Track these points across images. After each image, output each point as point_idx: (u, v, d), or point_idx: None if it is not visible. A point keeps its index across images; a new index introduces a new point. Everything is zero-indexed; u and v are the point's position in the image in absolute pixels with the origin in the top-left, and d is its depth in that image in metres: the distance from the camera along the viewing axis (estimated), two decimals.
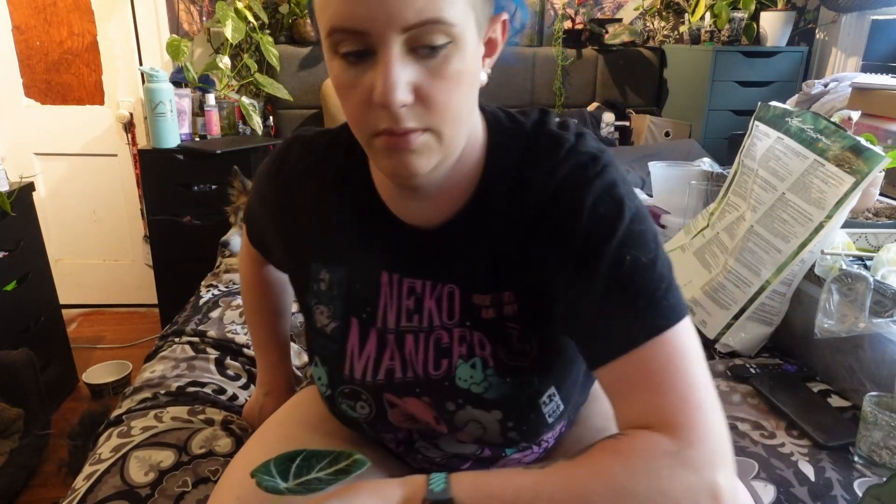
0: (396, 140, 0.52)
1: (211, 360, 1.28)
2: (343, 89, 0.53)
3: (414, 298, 0.66)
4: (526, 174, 0.60)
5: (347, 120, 0.56)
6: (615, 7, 2.90)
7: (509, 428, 0.66)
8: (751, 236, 1.35)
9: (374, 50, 0.50)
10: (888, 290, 1.10)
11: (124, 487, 0.86)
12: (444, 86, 0.51)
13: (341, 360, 0.69)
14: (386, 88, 0.49)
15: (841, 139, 1.26)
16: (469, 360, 0.65)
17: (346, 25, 0.49)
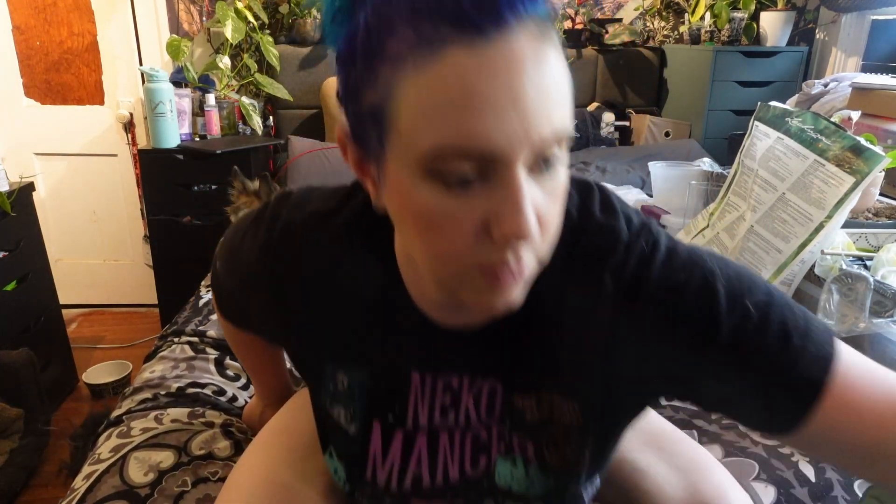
0: (505, 274, 0.44)
1: (210, 361, 1.28)
2: (438, 220, 0.42)
3: (450, 394, 0.59)
4: (579, 273, 0.53)
5: (431, 255, 0.45)
6: (615, 7, 2.90)
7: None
8: (751, 236, 1.35)
9: (493, 173, 0.41)
10: (888, 291, 1.10)
11: (124, 487, 0.86)
12: (556, 203, 0.45)
13: (362, 464, 0.62)
14: (520, 220, 0.40)
15: (841, 139, 1.26)
16: (508, 456, 0.59)
17: (472, 147, 0.39)
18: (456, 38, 0.38)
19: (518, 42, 0.39)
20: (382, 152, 0.44)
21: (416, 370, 0.59)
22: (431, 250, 0.45)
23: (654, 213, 1.84)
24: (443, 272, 0.46)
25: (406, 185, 0.43)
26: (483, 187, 0.41)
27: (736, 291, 0.49)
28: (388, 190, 0.46)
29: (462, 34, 0.38)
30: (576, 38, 2.82)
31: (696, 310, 0.49)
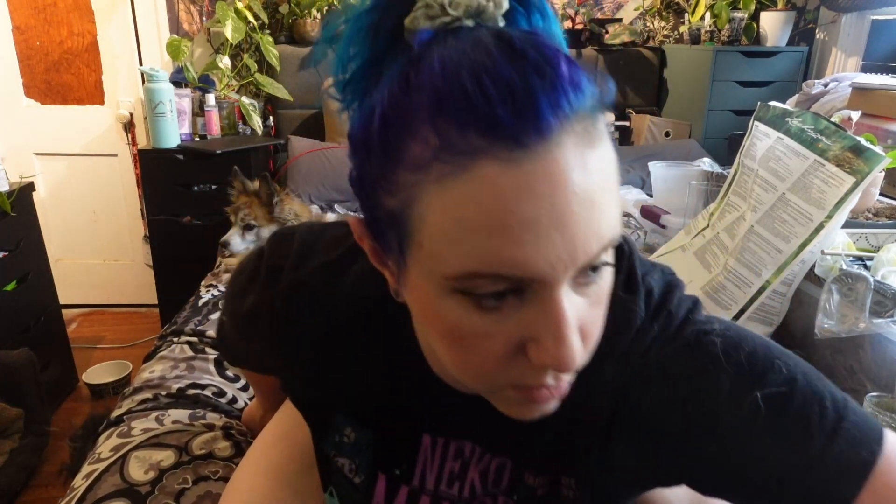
0: (541, 394, 0.40)
1: (210, 361, 1.27)
2: (467, 337, 0.38)
3: (460, 462, 0.55)
4: (601, 360, 0.46)
5: (459, 365, 0.41)
6: (615, 7, 2.90)
7: None
8: (751, 236, 1.35)
9: (531, 290, 0.36)
10: (888, 291, 1.10)
11: (124, 486, 0.86)
12: (599, 312, 0.40)
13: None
14: (563, 351, 0.36)
15: (841, 139, 1.26)
16: None
17: (510, 273, 0.34)
18: (489, 150, 0.33)
19: (562, 149, 0.34)
20: (402, 259, 0.39)
21: (428, 433, 0.56)
22: (458, 363, 0.40)
23: (654, 213, 1.84)
24: (471, 383, 0.42)
25: (430, 296, 0.38)
26: (519, 302, 0.36)
27: (746, 381, 0.44)
28: (409, 291, 0.41)
29: (496, 145, 0.33)
30: (576, 38, 2.82)
31: (694, 401, 0.45)
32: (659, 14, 2.91)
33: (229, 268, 1.84)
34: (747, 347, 0.46)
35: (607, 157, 0.36)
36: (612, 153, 0.37)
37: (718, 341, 0.47)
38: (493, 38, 0.35)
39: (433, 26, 0.37)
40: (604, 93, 0.37)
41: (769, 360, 0.45)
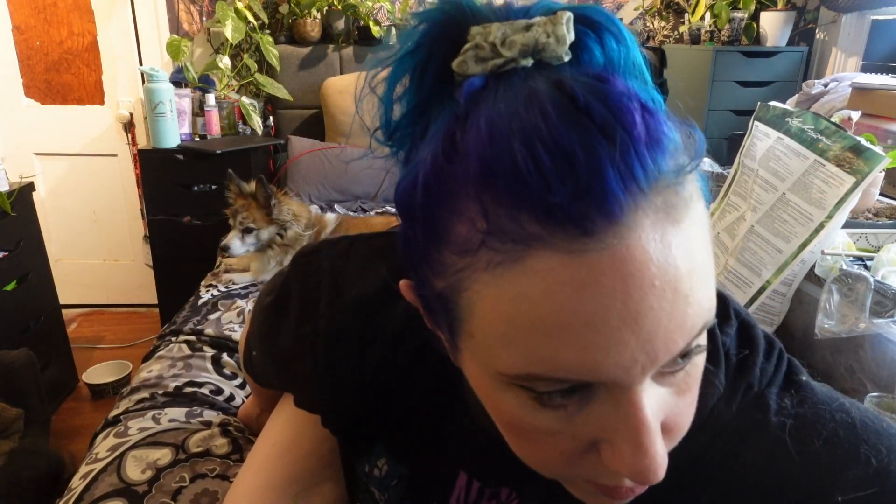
0: (624, 492, 0.34)
1: (207, 359, 1.28)
2: (529, 432, 0.34)
3: (496, 502, 0.51)
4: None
5: (525, 456, 0.36)
6: (615, 7, 2.90)
7: None
8: (751, 236, 1.35)
9: (604, 391, 0.31)
10: (888, 291, 1.09)
11: (121, 485, 0.86)
12: (688, 401, 0.34)
13: None
14: (644, 463, 0.30)
15: (841, 139, 1.26)
16: None
17: (573, 378, 0.30)
18: (546, 238, 0.28)
19: (637, 232, 0.28)
20: (454, 342, 0.35)
21: (464, 471, 0.52)
22: (522, 453, 0.36)
23: None
24: (538, 471, 0.37)
25: (487, 384, 0.34)
26: (589, 398, 0.31)
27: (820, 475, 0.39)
28: (465, 368, 0.36)
29: (554, 233, 0.28)
30: None
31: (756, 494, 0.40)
32: (659, 14, 2.91)
33: (229, 268, 1.84)
34: (826, 430, 0.39)
35: (697, 229, 0.30)
36: (703, 219, 0.30)
37: (789, 423, 0.39)
38: (552, 89, 0.29)
39: (485, 70, 0.31)
40: (692, 146, 0.30)
41: (854, 445, 0.38)
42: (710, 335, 0.43)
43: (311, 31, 2.61)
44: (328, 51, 2.66)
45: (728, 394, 0.42)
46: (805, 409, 0.40)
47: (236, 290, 1.69)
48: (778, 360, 0.43)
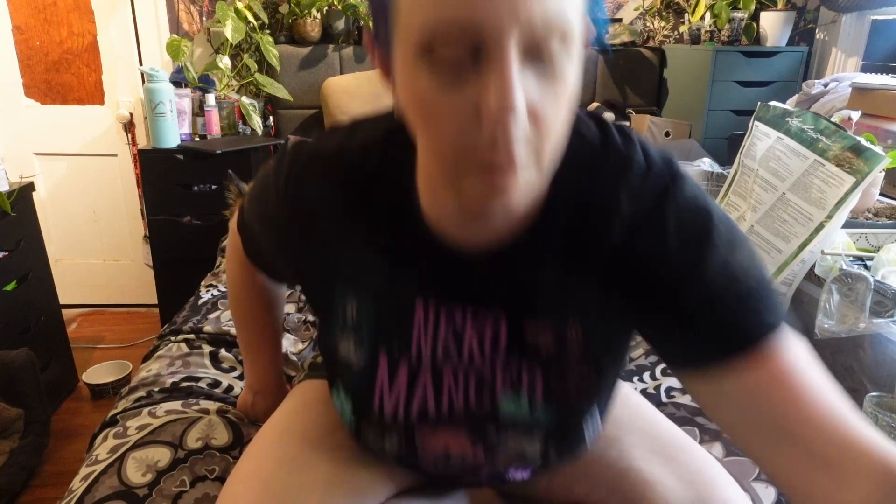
0: (499, 163, 0.43)
1: (205, 355, 1.28)
2: (432, 108, 0.43)
3: (452, 330, 0.59)
4: (596, 200, 0.54)
5: (430, 145, 0.46)
6: (615, 7, 2.90)
7: (550, 451, 0.65)
8: (751, 236, 1.35)
9: (484, 55, 0.41)
10: (888, 290, 1.10)
11: (122, 488, 0.86)
12: (556, 103, 0.43)
13: (369, 397, 0.63)
14: (505, 91, 0.40)
15: (841, 139, 1.26)
16: (515, 393, 0.61)
17: (457, 17, 0.39)
18: None
19: None
20: (389, 43, 0.46)
21: (420, 298, 0.59)
22: (432, 142, 0.45)
23: None
24: (445, 167, 0.46)
25: (408, 73, 0.44)
26: (476, 75, 0.41)
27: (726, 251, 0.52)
28: (398, 87, 0.47)
29: None
30: None
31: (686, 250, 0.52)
32: (659, 14, 2.91)
33: None
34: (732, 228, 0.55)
35: None
36: None
37: (714, 210, 0.54)
38: None
39: None
40: None
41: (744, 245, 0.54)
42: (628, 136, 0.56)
43: (311, 31, 2.61)
44: (328, 51, 2.66)
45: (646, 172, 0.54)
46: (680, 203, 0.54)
47: None
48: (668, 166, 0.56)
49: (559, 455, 0.65)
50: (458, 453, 0.65)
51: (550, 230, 0.55)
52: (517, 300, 0.58)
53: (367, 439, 0.67)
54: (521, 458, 0.65)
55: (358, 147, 0.59)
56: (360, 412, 0.65)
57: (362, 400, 0.64)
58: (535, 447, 0.64)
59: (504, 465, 0.66)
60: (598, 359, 0.61)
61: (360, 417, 0.66)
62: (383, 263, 0.59)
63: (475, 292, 0.58)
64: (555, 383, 0.60)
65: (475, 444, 0.64)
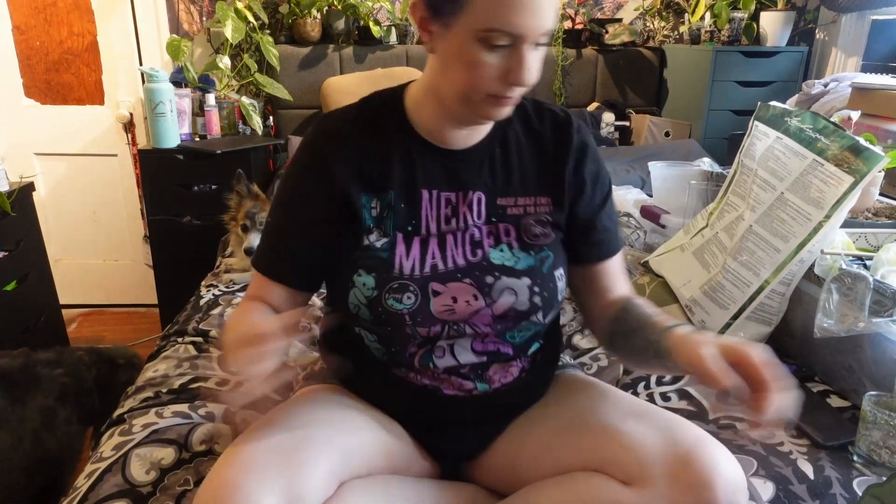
0: (507, 100, 0.76)
1: (214, 359, 1.28)
2: (477, 65, 0.73)
3: (450, 207, 0.85)
4: (530, 120, 0.89)
5: (462, 83, 0.75)
6: (615, 7, 2.90)
7: (535, 293, 0.83)
8: (750, 236, 1.35)
9: (516, 45, 0.71)
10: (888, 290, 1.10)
11: (126, 486, 0.87)
12: (538, 67, 0.75)
13: (390, 264, 0.82)
14: (528, 75, 0.73)
15: (840, 139, 1.26)
16: (497, 245, 0.85)
17: (509, 30, 0.70)
18: None
19: None
20: (453, 20, 0.72)
21: (425, 187, 0.85)
22: (466, 83, 0.75)
23: (653, 212, 1.84)
24: (467, 94, 0.76)
25: (465, 43, 0.72)
26: (510, 52, 0.72)
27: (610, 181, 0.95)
28: (446, 43, 0.75)
29: None
30: (576, 38, 2.83)
31: (602, 173, 0.93)
32: (659, 14, 2.91)
33: (229, 268, 1.84)
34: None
35: None
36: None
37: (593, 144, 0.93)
38: None
39: None
40: None
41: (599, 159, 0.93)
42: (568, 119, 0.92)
43: (311, 31, 2.62)
44: (328, 51, 2.67)
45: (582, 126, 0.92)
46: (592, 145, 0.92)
47: (237, 289, 1.69)
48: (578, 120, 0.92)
49: (542, 299, 0.84)
50: (463, 299, 0.82)
51: (500, 139, 0.87)
52: (489, 183, 0.86)
53: (387, 306, 0.81)
54: (514, 300, 0.83)
55: (362, 104, 0.87)
56: (381, 281, 0.81)
57: (384, 269, 0.81)
58: (524, 291, 0.83)
59: (500, 312, 0.83)
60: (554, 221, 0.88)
61: (381, 286, 0.81)
62: (395, 166, 0.84)
63: (461, 180, 0.85)
64: (525, 236, 0.86)
65: (476, 290, 0.83)
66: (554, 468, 0.82)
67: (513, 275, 0.83)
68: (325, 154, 0.83)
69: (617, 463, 0.76)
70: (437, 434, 0.89)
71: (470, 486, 0.91)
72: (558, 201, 0.88)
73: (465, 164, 0.85)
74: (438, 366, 0.84)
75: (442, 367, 0.84)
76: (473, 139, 0.86)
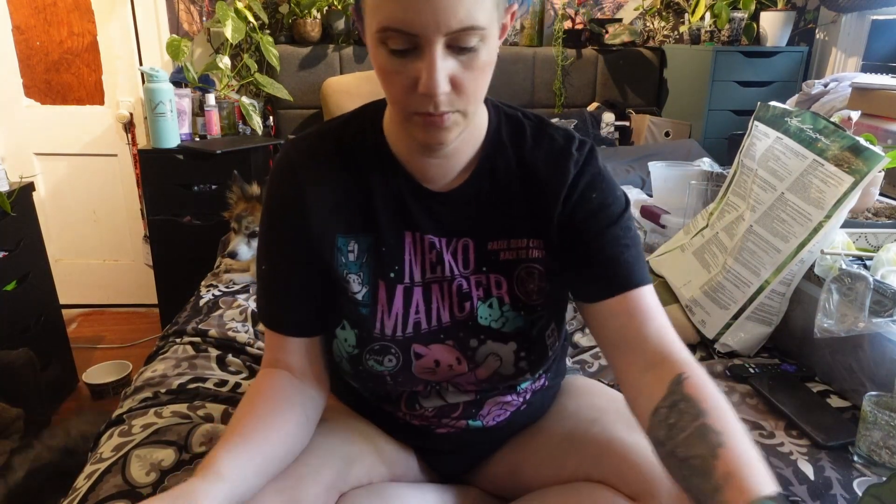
0: (433, 119, 0.63)
1: (212, 359, 1.28)
2: (387, 75, 0.63)
3: (435, 252, 0.75)
4: (547, 157, 0.75)
5: (389, 99, 0.67)
6: (615, 7, 2.90)
7: (521, 358, 0.77)
8: (750, 236, 1.35)
9: (420, 47, 0.60)
10: (888, 290, 1.10)
11: (126, 487, 0.87)
12: (474, 75, 0.63)
13: (371, 321, 0.75)
14: (431, 82, 0.60)
15: (840, 139, 1.26)
16: (487, 300, 0.76)
17: (400, 27, 0.58)
18: None
19: None
20: (363, 24, 0.64)
21: (409, 230, 0.75)
22: (388, 95, 0.66)
23: (653, 212, 1.84)
24: (397, 113, 0.67)
25: (373, 48, 0.63)
26: (414, 57, 0.60)
27: (624, 207, 0.76)
28: (369, 51, 0.65)
29: None
30: (576, 38, 2.82)
31: (608, 201, 0.75)
32: (659, 14, 2.91)
33: (229, 268, 1.84)
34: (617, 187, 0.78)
35: None
36: None
37: (622, 193, 0.77)
38: None
39: None
40: None
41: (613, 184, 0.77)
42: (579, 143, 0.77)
43: (311, 31, 2.62)
44: (328, 51, 2.67)
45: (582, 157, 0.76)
46: (599, 171, 0.76)
47: (237, 289, 1.69)
48: (581, 141, 0.77)
49: (528, 364, 0.77)
50: (446, 363, 0.77)
51: (490, 169, 0.75)
52: (478, 226, 0.76)
53: (368, 367, 0.76)
54: (498, 365, 0.77)
55: (339, 126, 0.77)
56: (363, 340, 0.75)
57: (365, 326, 0.75)
58: (509, 356, 0.76)
59: (484, 377, 0.78)
60: (548, 270, 0.77)
61: (362, 345, 0.75)
62: (379, 208, 0.74)
63: (446, 223, 0.76)
64: (518, 289, 0.76)
65: (459, 354, 0.77)
66: (556, 477, 0.81)
67: (499, 339, 0.76)
68: (300, 184, 0.73)
69: (621, 476, 0.75)
70: (431, 455, 0.88)
71: (472, 489, 0.89)
72: (549, 246, 0.76)
73: (449, 207, 0.75)
74: (426, 406, 0.81)
75: (430, 408, 0.81)
76: (453, 170, 0.74)
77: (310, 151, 0.75)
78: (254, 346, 1.34)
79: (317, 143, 0.76)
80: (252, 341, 1.36)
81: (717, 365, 1.29)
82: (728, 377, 1.25)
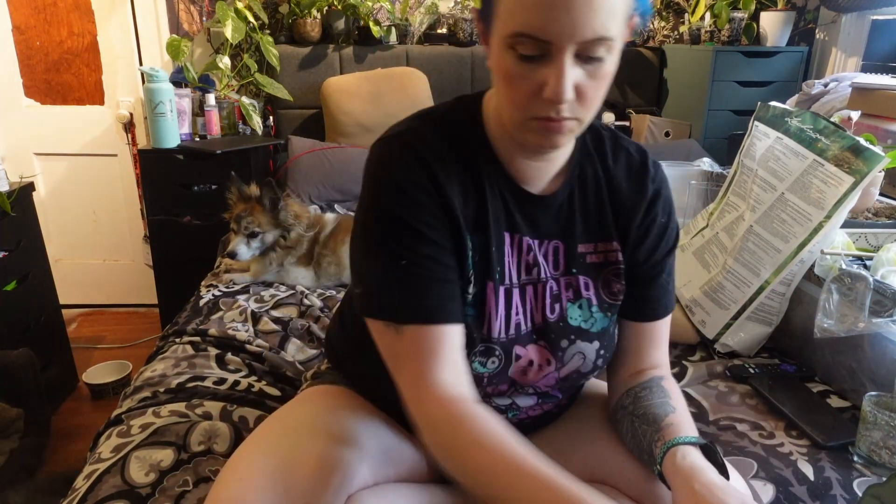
0: (552, 125, 0.64)
1: (211, 357, 1.28)
2: (512, 79, 0.64)
3: (532, 255, 0.77)
4: (627, 171, 0.80)
5: (508, 102, 0.66)
6: None
7: (600, 355, 0.80)
8: (750, 236, 1.35)
9: (549, 54, 0.61)
10: (888, 290, 1.10)
11: (125, 487, 0.87)
12: (597, 85, 0.64)
13: (480, 323, 0.75)
14: (559, 89, 0.61)
15: (840, 139, 1.26)
16: (576, 301, 0.79)
17: (534, 34, 0.60)
18: None
19: None
20: (490, 28, 0.65)
21: (508, 231, 0.76)
22: (508, 99, 0.66)
23: None
24: (514, 116, 0.67)
25: (499, 52, 0.64)
26: (543, 64, 0.62)
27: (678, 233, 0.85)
28: (491, 54, 0.66)
29: None
30: None
31: (672, 226, 0.83)
32: (659, 14, 2.91)
33: (229, 268, 1.84)
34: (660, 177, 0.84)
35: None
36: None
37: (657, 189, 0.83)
38: None
39: None
40: None
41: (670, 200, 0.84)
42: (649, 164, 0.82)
43: (311, 31, 2.62)
44: (328, 51, 2.67)
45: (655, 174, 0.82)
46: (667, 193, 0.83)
47: (237, 290, 1.69)
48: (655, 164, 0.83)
49: (603, 360, 0.82)
50: (537, 363, 0.79)
51: (579, 178, 0.78)
52: (568, 229, 0.79)
53: (468, 368, 0.73)
54: (581, 363, 0.80)
55: (431, 119, 0.75)
56: (471, 341, 0.74)
57: (474, 327, 0.75)
58: (592, 354, 0.80)
59: (564, 375, 0.80)
60: (627, 268, 0.81)
61: (469, 346, 0.74)
62: (489, 208, 0.74)
63: (541, 226, 0.78)
64: (604, 290, 0.80)
65: (550, 355, 0.79)
66: (588, 477, 0.81)
67: (586, 338, 0.79)
68: (435, 175, 0.70)
69: (624, 477, 0.76)
70: None
71: None
72: (624, 248, 0.81)
73: (543, 209, 0.77)
74: (499, 404, 0.82)
75: (502, 405, 0.82)
76: (548, 173, 0.76)
77: (432, 146, 0.72)
78: (253, 344, 1.34)
79: (431, 137, 0.73)
80: (252, 339, 1.36)
81: (717, 365, 1.29)
82: (728, 377, 1.25)
